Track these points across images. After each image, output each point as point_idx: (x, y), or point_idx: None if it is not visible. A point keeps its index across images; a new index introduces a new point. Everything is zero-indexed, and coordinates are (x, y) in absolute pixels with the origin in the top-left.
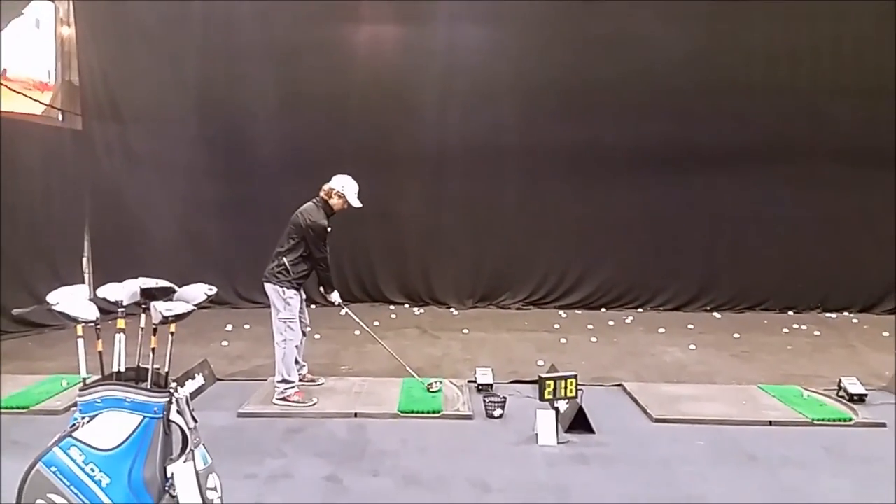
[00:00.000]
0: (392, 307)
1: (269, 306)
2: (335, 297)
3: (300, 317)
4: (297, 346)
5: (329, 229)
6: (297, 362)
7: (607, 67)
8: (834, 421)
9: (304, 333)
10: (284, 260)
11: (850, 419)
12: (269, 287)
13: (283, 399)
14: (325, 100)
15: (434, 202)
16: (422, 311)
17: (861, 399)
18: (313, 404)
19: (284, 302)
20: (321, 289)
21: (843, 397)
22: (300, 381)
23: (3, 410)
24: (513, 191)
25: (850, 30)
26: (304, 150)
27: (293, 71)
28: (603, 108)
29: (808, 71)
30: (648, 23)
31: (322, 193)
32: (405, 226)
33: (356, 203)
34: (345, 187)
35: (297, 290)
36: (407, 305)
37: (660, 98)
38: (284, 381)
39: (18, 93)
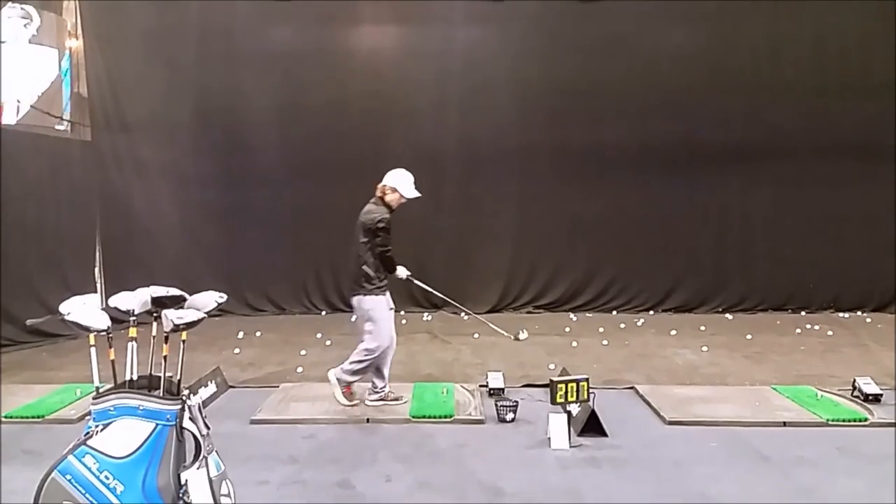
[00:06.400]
0: (402, 312)
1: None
2: (402, 271)
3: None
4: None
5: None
6: (380, 374)
7: (610, 67)
8: (849, 421)
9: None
10: (365, 268)
11: (866, 419)
12: (355, 300)
13: (381, 399)
14: (326, 105)
15: (438, 206)
16: (431, 316)
17: (876, 399)
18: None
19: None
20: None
21: (857, 397)
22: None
23: (17, 420)
24: (518, 194)
25: (854, 26)
26: (307, 156)
27: (293, 77)
28: (607, 108)
29: (815, 68)
30: (651, 22)
31: (378, 193)
32: (410, 231)
33: (411, 194)
34: (395, 181)
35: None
36: (417, 311)
37: (664, 97)
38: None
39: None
